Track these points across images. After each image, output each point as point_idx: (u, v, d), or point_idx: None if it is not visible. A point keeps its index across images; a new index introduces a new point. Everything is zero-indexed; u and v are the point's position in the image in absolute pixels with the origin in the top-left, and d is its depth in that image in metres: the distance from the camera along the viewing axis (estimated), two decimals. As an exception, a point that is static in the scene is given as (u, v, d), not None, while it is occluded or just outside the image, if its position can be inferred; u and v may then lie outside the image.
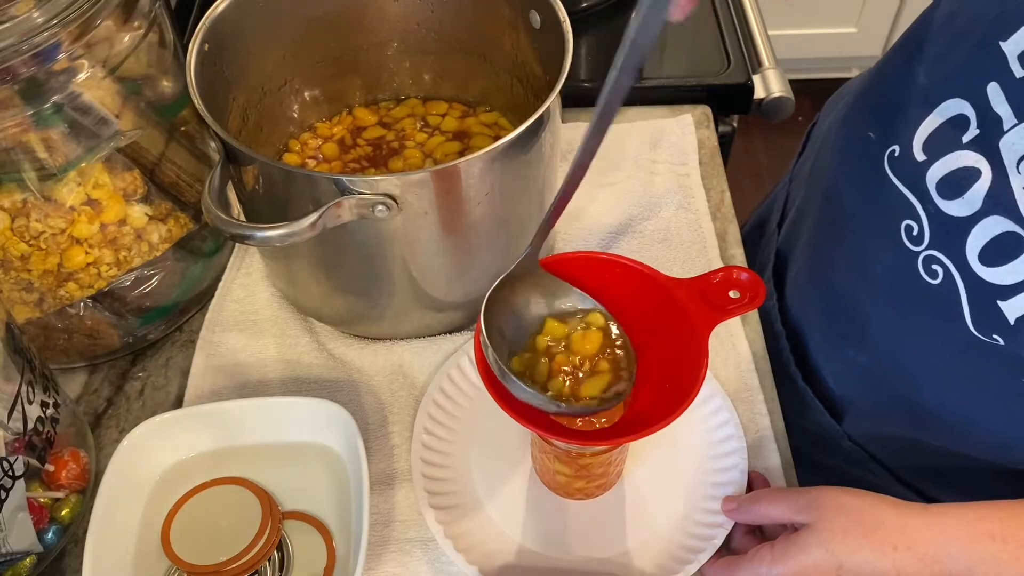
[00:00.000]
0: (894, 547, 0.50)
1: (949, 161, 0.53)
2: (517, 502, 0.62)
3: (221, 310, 0.73)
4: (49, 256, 0.62)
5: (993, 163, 0.50)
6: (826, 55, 2.18)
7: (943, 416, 0.60)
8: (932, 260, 0.55)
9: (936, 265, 0.55)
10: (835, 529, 0.51)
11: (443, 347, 0.70)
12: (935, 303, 0.55)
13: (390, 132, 0.78)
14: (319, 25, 0.73)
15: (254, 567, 0.57)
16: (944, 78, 0.54)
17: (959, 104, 0.52)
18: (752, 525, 0.59)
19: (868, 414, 0.67)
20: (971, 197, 0.51)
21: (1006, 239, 0.50)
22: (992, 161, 0.50)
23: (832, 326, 0.68)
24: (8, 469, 0.54)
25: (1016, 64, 0.48)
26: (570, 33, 0.63)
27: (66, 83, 0.56)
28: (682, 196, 0.80)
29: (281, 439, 0.62)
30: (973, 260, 0.52)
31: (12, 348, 0.55)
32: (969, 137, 0.52)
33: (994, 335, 0.52)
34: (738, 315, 0.54)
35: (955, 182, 0.52)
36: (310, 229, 0.55)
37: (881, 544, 0.50)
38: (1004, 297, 0.51)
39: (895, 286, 0.59)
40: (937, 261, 0.54)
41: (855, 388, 0.67)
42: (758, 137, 2.16)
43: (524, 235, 0.69)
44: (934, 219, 0.54)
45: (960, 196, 0.52)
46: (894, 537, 0.50)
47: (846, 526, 0.51)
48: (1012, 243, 0.50)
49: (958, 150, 0.52)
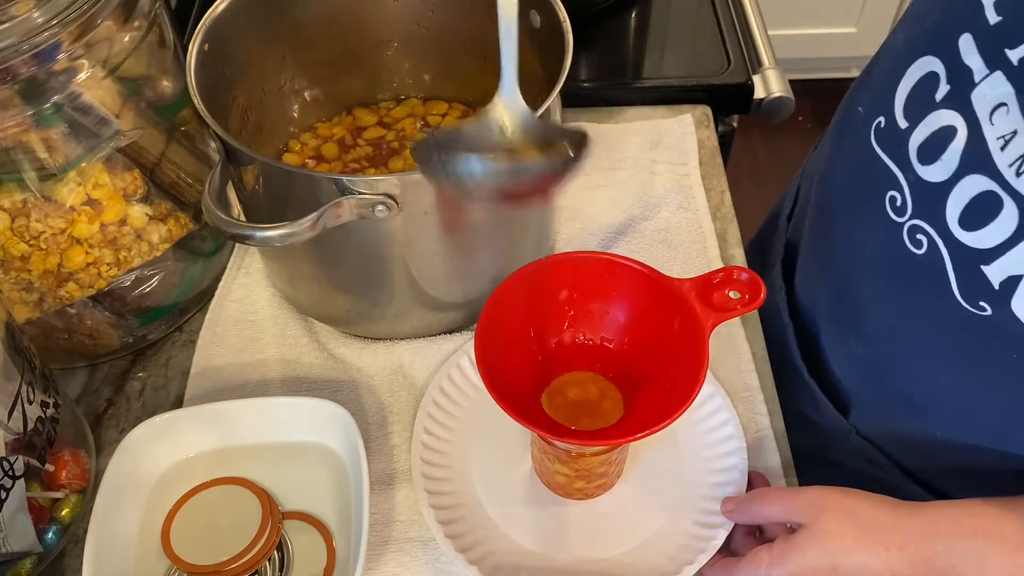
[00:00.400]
0: (887, 547, 0.51)
1: (928, 123, 0.52)
2: (517, 502, 0.62)
3: (221, 310, 0.73)
4: (49, 256, 0.62)
5: (967, 118, 0.50)
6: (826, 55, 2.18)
7: (941, 404, 0.60)
8: (916, 230, 0.54)
9: (920, 235, 0.54)
10: (831, 530, 0.51)
11: (443, 347, 0.70)
12: (923, 275, 0.55)
13: (390, 132, 0.78)
14: (319, 25, 0.73)
15: (254, 567, 0.57)
16: (918, 36, 0.54)
17: (929, 61, 0.52)
18: (752, 526, 0.59)
19: (872, 407, 0.67)
20: (948, 158, 0.51)
21: (984, 199, 0.50)
22: (966, 116, 0.50)
23: (835, 315, 0.68)
24: (8, 469, 0.54)
25: (991, 11, 0.48)
26: (570, 33, 0.63)
27: (66, 83, 0.56)
28: (682, 196, 0.80)
29: (281, 439, 0.62)
30: (954, 225, 0.52)
31: (12, 348, 0.55)
32: (941, 95, 0.51)
33: (981, 302, 0.51)
34: (738, 315, 0.54)
35: (934, 144, 0.52)
36: (310, 229, 0.55)
37: (875, 545, 0.51)
38: (987, 261, 0.50)
39: (885, 263, 0.59)
40: (921, 230, 0.54)
41: (858, 379, 0.67)
42: (758, 137, 2.16)
43: (524, 235, 0.69)
44: (914, 187, 0.54)
45: (939, 159, 0.52)
46: (887, 537, 0.51)
47: (842, 527, 0.51)
48: (990, 203, 0.49)
49: (935, 110, 0.52)
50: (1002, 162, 0.48)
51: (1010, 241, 0.48)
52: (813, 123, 2.19)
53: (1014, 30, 0.47)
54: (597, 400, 0.57)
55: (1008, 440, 0.57)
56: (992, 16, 0.48)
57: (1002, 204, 0.48)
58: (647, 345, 0.56)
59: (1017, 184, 0.47)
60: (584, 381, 0.58)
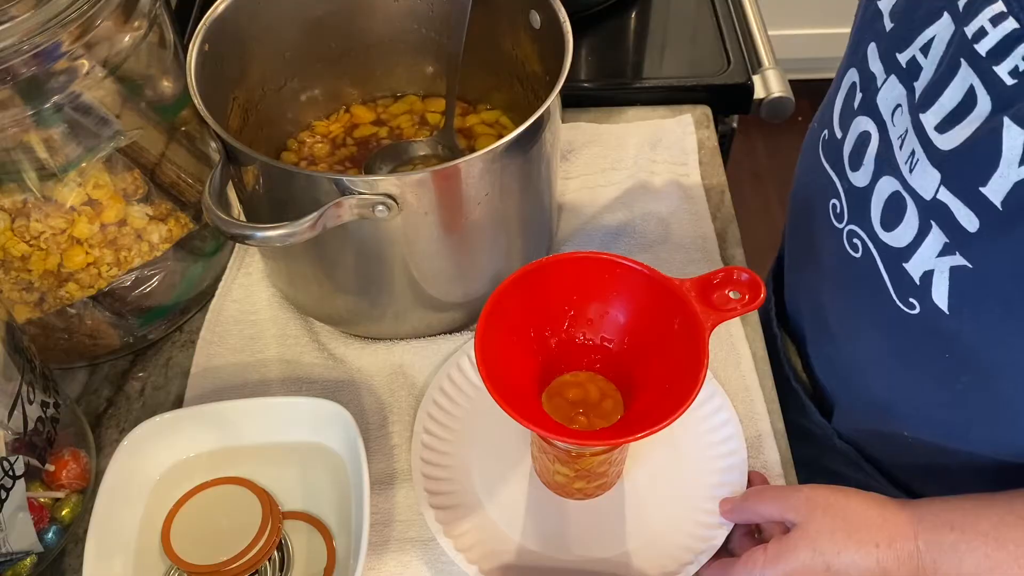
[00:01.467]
0: (876, 544, 0.51)
1: (853, 130, 0.55)
2: (517, 502, 0.62)
3: (221, 310, 0.73)
4: (49, 256, 0.62)
5: (877, 122, 0.52)
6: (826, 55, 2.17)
7: (901, 402, 0.61)
8: (852, 234, 0.57)
9: (856, 239, 0.56)
10: (822, 529, 0.52)
11: (443, 347, 0.70)
12: (863, 278, 0.56)
13: (383, 129, 0.78)
14: (319, 25, 0.73)
15: (254, 567, 0.57)
16: (848, 51, 0.57)
17: (852, 73, 0.56)
18: (750, 526, 0.59)
19: (848, 408, 0.69)
20: (867, 163, 0.54)
21: (895, 199, 0.52)
22: (876, 120, 0.52)
23: (811, 321, 0.70)
24: (8, 469, 0.54)
25: (887, 18, 0.51)
26: (570, 33, 0.63)
27: (66, 83, 0.56)
28: (682, 196, 0.80)
29: (281, 439, 0.62)
30: (878, 227, 0.54)
31: (12, 348, 0.55)
32: (858, 102, 0.54)
33: (910, 299, 0.53)
34: (738, 315, 0.54)
35: (858, 150, 0.55)
36: (310, 229, 0.55)
37: (865, 543, 0.51)
38: (906, 258, 0.52)
39: (834, 268, 0.61)
40: (856, 235, 0.56)
41: (834, 381, 0.69)
42: (758, 137, 2.16)
43: (524, 235, 0.69)
44: (848, 193, 0.57)
45: (861, 165, 0.54)
46: (876, 535, 0.51)
47: (832, 526, 0.52)
48: (898, 202, 0.51)
49: (855, 117, 0.55)
50: (901, 160, 0.50)
51: (917, 238, 0.50)
52: (813, 123, 2.19)
53: (902, 34, 0.50)
54: (597, 400, 0.57)
55: (963, 438, 0.58)
56: (887, 23, 0.51)
57: (906, 203, 0.51)
58: (647, 345, 0.56)
59: (911, 180, 0.49)
60: (584, 381, 0.58)
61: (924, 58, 0.48)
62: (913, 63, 0.49)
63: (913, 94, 0.49)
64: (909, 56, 0.49)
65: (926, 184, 0.49)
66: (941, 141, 0.47)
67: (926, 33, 0.48)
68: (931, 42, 0.48)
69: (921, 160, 0.49)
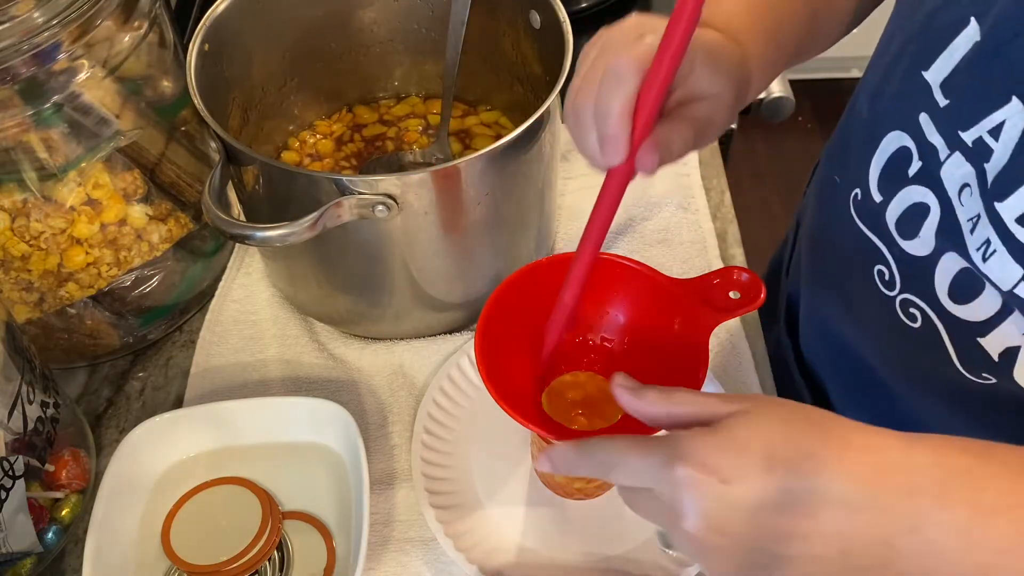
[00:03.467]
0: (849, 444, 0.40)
1: (902, 198, 0.51)
2: (517, 502, 0.62)
3: (221, 310, 0.73)
4: (49, 256, 0.62)
5: (939, 195, 0.48)
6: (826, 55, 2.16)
7: None
8: (908, 304, 0.53)
9: (913, 308, 0.52)
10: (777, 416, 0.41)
11: (443, 347, 0.70)
12: (922, 347, 0.53)
13: (391, 129, 0.79)
14: (319, 25, 0.73)
15: (254, 567, 0.57)
16: (883, 111, 0.53)
17: (900, 136, 0.50)
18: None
19: None
20: (925, 235, 0.49)
21: (966, 275, 0.48)
22: (938, 193, 0.48)
23: (842, 374, 0.66)
24: (8, 469, 0.54)
25: (939, 93, 0.47)
26: (570, 33, 0.63)
27: (66, 83, 0.56)
28: (682, 196, 0.80)
29: (281, 439, 0.62)
30: (945, 299, 0.50)
31: (12, 348, 0.55)
32: (914, 170, 0.50)
33: (984, 374, 0.50)
34: (738, 316, 0.54)
35: (910, 219, 0.51)
36: (310, 229, 0.55)
37: (833, 443, 0.39)
38: (983, 333, 0.48)
39: (883, 333, 0.56)
40: (913, 304, 0.52)
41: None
42: (758, 137, 2.16)
43: (524, 235, 0.69)
44: (900, 261, 0.52)
45: (917, 235, 0.50)
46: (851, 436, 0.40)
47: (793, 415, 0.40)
48: (971, 280, 0.47)
49: (908, 185, 0.50)
50: (971, 245, 0.46)
51: (999, 316, 0.47)
52: (813, 123, 2.19)
53: (963, 114, 0.46)
54: (597, 400, 0.57)
55: None
56: (940, 98, 0.47)
57: (983, 284, 0.47)
58: (647, 345, 0.56)
59: (985, 268, 0.45)
60: (584, 381, 0.58)
61: (995, 141, 0.44)
62: (981, 143, 0.45)
63: (984, 177, 0.45)
64: (975, 136, 0.45)
65: (1005, 276, 0.44)
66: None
67: (994, 117, 0.44)
68: (1001, 126, 0.44)
69: (999, 252, 0.44)
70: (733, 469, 0.37)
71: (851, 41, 0.66)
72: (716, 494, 0.37)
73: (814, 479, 0.37)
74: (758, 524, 0.37)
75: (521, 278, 0.55)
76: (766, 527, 0.37)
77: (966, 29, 0.45)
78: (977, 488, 0.38)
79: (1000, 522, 0.38)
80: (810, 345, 0.71)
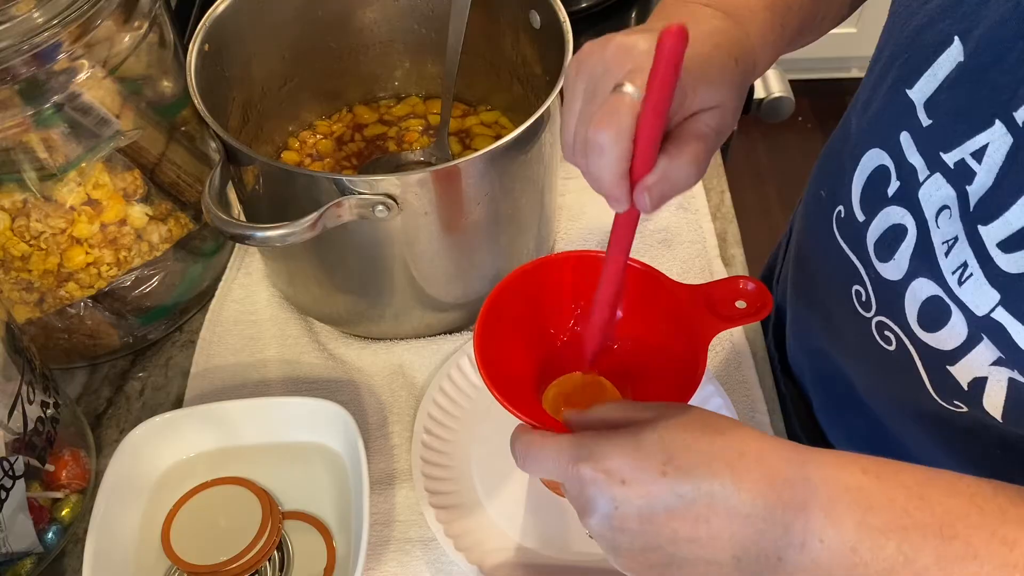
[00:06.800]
0: (743, 454, 0.41)
1: (882, 219, 0.50)
2: (517, 502, 0.62)
3: (221, 310, 0.73)
4: (49, 256, 0.62)
5: (916, 217, 0.47)
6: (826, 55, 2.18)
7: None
8: (883, 326, 0.52)
9: (888, 332, 0.51)
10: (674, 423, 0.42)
11: (443, 347, 0.70)
12: (898, 371, 0.52)
13: (392, 129, 0.79)
14: (319, 25, 0.73)
15: (254, 567, 0.57)
16: (866, 127, 0.51)
17: (879, 155, 0.50)
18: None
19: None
20: (900, 258, 0.49)
21: (935, 303, 0.47)
22: (915, 214, 0.47)
23: (826, 391, 0.66)
24: (8, 469, 0.54)
25: (923, 113, 0.46)
26: (570, 33, 0.63)
27: (66, 83, 0.56)
28: (682, 196, 0.80)
29: (281, 439, 0.62)
30: (915, 326, 0.49)
31: (12, 348, 0.55)
32: (892, 190, 0.49)
33: (955, 401, 0.49)
34: (741, 325, 0.53)
35: (888, 242, 0.50)
36: (310, 229, 0.55)
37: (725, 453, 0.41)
38: (951, 362, 0.47)
39: (864, 354, 0.56)
40: (888, 328, 0.51)
41: (860, 449, 0.65)
42: (758, 137, 2.16)
43: (524, 235, 0.69)
44: (875, 283, 0.52)
45: (892, 258, 0.49)
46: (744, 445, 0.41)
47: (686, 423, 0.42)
48: (939, 308, 0.47)
49: (888, 206, 0.49)
50: (947, 268, 0.46)
51: (965, 345, 0.46)
52: (813, 123, 2.19)
53: (946, 135, 0.45)
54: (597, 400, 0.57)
55: None
56: (924, 118, 0.46)
57: (950, 311, 0.46)
58: (647, 346, 0.56)
59: (959, 292, 0.45)
60: (584, 381, 0.58)
61: (977, 163, 0.43)
62: (963, 166, 0.44)
63: (966, 200, 0.44)
64: (957, 158, 0.44)
65: (979, 301, 0.44)
66: (1006, 262, 0.42)
67: (977, 139, 0.43)
68: (984, 149, 0.43)
69: (976, 276, 0.43)
70: (632, 471, 0.40)
71: (851, 41, 0.66)
72: (614, 494, 0.40)
73: (707, 485, 0.39)
74: (653, 524, 0.39)
75: (520, 277, 0.55)
76: (660, 528, 0.39)
77: (949, 48, 0.44)
78: (867, 507, 0.39)
79: (888, 544, 0.38)
80: (795, 356, 0.70)
